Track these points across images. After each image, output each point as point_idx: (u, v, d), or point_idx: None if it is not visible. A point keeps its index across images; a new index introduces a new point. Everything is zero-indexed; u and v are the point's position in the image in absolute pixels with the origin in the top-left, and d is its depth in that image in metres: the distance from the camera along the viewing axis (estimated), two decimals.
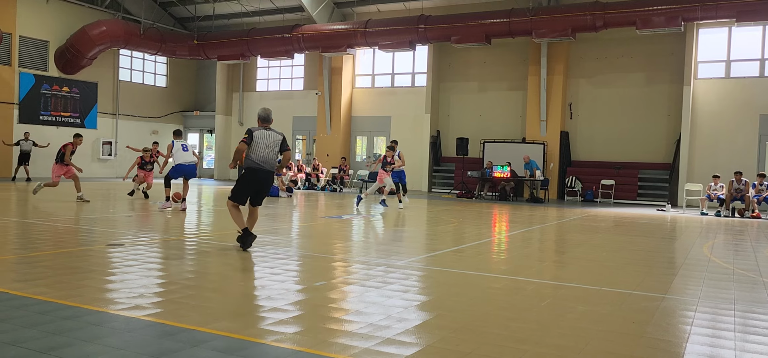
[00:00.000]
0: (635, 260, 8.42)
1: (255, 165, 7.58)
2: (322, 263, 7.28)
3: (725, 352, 4.11)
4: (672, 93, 21.77)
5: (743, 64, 21.08)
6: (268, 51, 26.64)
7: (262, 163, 7.56)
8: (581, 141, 23.50)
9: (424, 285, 6.21)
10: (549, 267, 7.77)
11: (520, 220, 14.18)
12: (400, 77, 27.11)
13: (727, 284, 6.61)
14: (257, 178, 7.60)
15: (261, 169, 7.58)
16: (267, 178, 7.66)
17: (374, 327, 4.36)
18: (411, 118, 26.10)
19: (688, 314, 5.17)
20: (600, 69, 22.95)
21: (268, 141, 7.60)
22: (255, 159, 7.55)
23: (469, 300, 5.52)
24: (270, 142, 7.61)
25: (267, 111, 7.78)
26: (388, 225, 12.14)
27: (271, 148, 7.59)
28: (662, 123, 22.09)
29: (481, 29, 22.04)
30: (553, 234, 11.71)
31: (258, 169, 7.57)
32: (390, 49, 24.45)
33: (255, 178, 7.60)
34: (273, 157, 7.60)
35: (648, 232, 12.33)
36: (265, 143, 7.56)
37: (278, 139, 7.71)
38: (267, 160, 7.58)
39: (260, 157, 7.54)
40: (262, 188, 7.75)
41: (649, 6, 19.69)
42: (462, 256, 8.27)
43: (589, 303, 5.50)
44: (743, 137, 20.74)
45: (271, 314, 4.64)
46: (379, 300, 5.23)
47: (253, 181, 7.63)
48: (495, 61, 24.61)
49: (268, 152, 7.57)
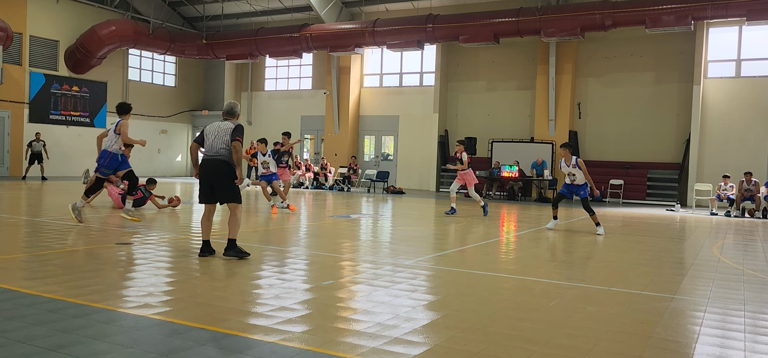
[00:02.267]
0: (644, 260, 8.37)
1: (202, 158, 7.14)
2: (330, 262, 7.29)
3: (735, 353, 4.08)
4: (681, 92, 21.63)
5: (754, 63, 20.91)
6: (276, 50, 26.70)
7: (207, 153, 7.00)
8: (590, 141, 23.39)
9: (432, 285, 6.21)
10: (557, 267, 7.74)
11: (528, 220, 14.14)
12: (408, 77, 27.09)
13: (737, 284, 6.57)
14: (204, 172, 6.98)
15: (206, 160, 6.99)
16: (213, 168, 6.90)
17: (382, 327, 4.36)
18: (419, 117, 26.08)
19: (697, 314, 5.14)
20: (609, 68, 22.84)
21: (218, 131, 6.98)
22: (203, 152, 7.09)
23: (477, 300, 5.51)
24: (220, 132, 6.96)
25: (231, 104, 7.22)
26: (396, 225, 12.14)
27: (220, 137, 6.92)
28: (672, 123, 21.95)
29: (489, 28, 21.98)
30: (561, 234, 11.67)
31: (203, 161, 7.04)
32: (398, 48, 24.43)
33: (203, 172, 7.00)
34: (222, 146, 6.90)
35: (657, 232, 12.26)
36: (214, 134, 6.98)
37: (229, 128, 6.96)
38: (212, 149, 6.94)
39: (207, 148, 7.01)
40: (213, 181, 6.95)
41: (658, 5, 19.56)
42: (470, 255, 8.25)
43: (598, 303, 5.48)
44: (753, 137, 20.58)
45: (279, 313, 4.65)
46: (387, 300, 5.24)
47: (202, 176, 7.00)
48: (503, 61, 24.54)
49: (216, 142, 6.91)
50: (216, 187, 6.95)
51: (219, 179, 6.92)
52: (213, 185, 6.96)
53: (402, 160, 26.71)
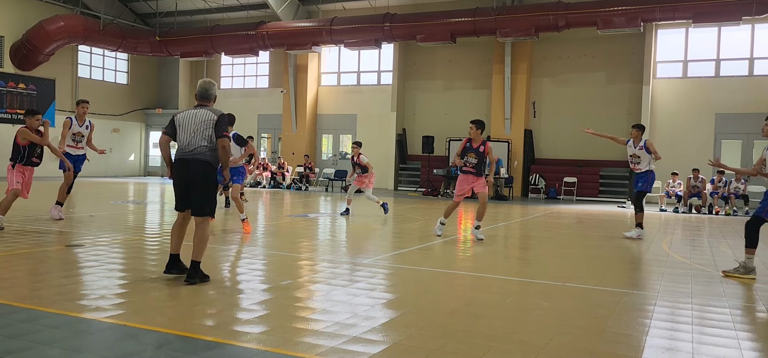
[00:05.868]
0: (597, 256, 8.59)
1: (177, 157, 5.72)
2: (288, 262, 7.23)
3: (683, 344, 4.22)
4: (632, 92, 22.28)
5: (700, 64, 21.71)
6: (232, 48, 26.31)
7: (184, 151, 5.61)
8: (544, 139, 23.87)
9: (390, 283, 6.22)
10: (514, 264, 7.86)
11: (484, 217, 14.31)
12: (365, 75, 27.10)
13: (685, 278, 6.80)
14: (179, 173, 5.64)
15: (181, 160, 5.63)
16: (193, 171, 5.57)
17: (341, 326, 4.35)
18: (377, 116, 26.12)
19: (648, 308, 5.30)
20: (562, 68, 23.34)
21: (195, 122, 5.59)
22: (178, 148, 5.72)
23: (436, 297, 5.55)
24: (198, 124, 5.57)
25: (205, 85, 5.86)
26: (354, 224, 12.12)
27: (199, 131, 5.55)
28: (623, 121, 22.57)
29: (446, 28, 22.18)
30: (517, 231, 11.86)
31: (179, 161, 5.66)
32: (355, 47, 24.40)
33: (178, 173, 5.65)
34: (202, 142, 5.55)
35: (609, 228, 12.59)
36: (189, 127, 5.59)
37: (210, 119, 5.58)
38: (189, 145, 5.57)
39: (182, 144, 5.63)
40: (191, 187, 5.63)
41: (609, 7, 20.11)
42: (428, 253, 8.31)
43: (553, 299, 5.59)
44: (700, 136, 21.37)
45: (237, 313, 4.58)
46: (346, 299, 5.22)
47: (176, 179, 5.68)
48: (460, 60, 24.80)
49: (195, 137, 5.56)
50: (190, 191, 5.63)
51: (197, 182, 5.61)
52: (186, 191, 5.65)
53: None
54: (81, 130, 10.36)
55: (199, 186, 5.62)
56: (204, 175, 5.60)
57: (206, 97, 5.84)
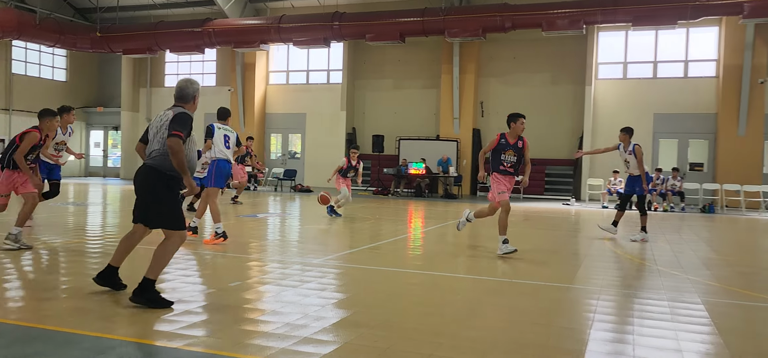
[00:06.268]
0: (544, 252, 8.79)
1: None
2: (236, 263, 7.09)
3: (624, 336, 4.36)
4: (575, 93, 22.91)
5: (639, 65, 22.53)
6: (177, 45, 25.67)
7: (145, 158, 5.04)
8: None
9: (341, 283, 6.19)
10: (463, 261, 7.95)
11: (435, 216, 14.45)
12: (315, 74, 26.93)
13: (626, 272, 7.03)
14: (135, 183, 5.02)
15: (139, 168, 5.04)
16: (137, 179, 4.96)
17: (291, 327, 4.29)
18: (326, 115, 26.00)
19: (591, 302, 5.45)
20: (509, 69, 23.80)
21: (160, 124, 4.96)
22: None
23: (386, 296, 5.55)
24: (160, 126, 4.94)
25: (179, 84, 5.16)
26: (304, 223, 12.02)
27: (160, 132, 4.91)
28: (567, 121, 23.21)
29: (395, 27, 22.27)
30: (466, 229, 12.01)
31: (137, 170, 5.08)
32: (304, 45, 24.22)
33: (135, 183, 5.03)
34: (155, 146, 4.91)
35: (554, 225, 12.90)
36: (154, 129, 4.99)
37: (167, 119, 4.91)
38: (148, 150, 4.98)
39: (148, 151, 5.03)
40: (139, 197, 4.99)
41: (553, 9, 20.62)
42: (379, 252, 8.31)
43: (502, 295, 5.68)
44: (639, 135, 22.06)
45: (183, 317, 4.46)
46: (296, 299, 5.17)
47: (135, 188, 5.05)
48: (410, 60, 24.95)
49: (155, 140, 4.93)
50: (142, 205, 4.97)
51: (140, 191, 4.96)
52: (137, 202, 5.02)
53: (309, 158, 26.52)
54: (64, 139, 9.61)
55: (144, 196, 4.95)
56: (144, 183, 4.91)
57: (181, 97, 5.09)
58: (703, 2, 19.06)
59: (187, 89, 5.11)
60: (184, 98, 5.10)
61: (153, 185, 4.89)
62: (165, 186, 4.87)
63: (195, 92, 5.14)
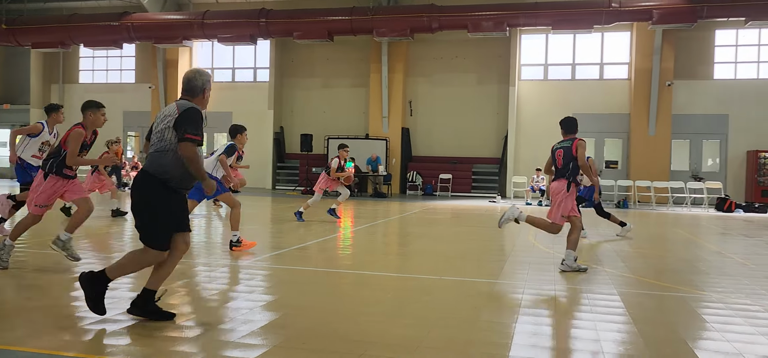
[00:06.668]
0: (471, 249, 8.98)
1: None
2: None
3: (547, 329, 4.52)
4: (500, 93, 23.57)
5: (558, 68, 23.45)
6: (92, 40, 24.47)
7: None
8: (421, 137, 24.60)
9: (269, 284, 6.09)
10: (393, 260, 8.01)
11: (364, 215, 14.48)
12: (241, 72, 26.40)
13: (548, 267, 7.28)
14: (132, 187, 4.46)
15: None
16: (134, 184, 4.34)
17: (218, 331, 4.18)
18: (253, 114, 25.52)
19: (516, 296, 5.61)
20: (437, 69, 24.19)
21: (159, 120, 4.36)
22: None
23: (316, 297, 5.50)
24: (160, 122, 4.33)
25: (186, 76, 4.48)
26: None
27: (159, 131, 4.29)
28: (492, 121, 23.84)
29: (323, 26, 22.15)
30: (396, 227, 12.11)
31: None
32: (230, 42, 23.68)
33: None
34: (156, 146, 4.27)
35: (481, 222, 13.21)
36: (155, 126, 4.38)
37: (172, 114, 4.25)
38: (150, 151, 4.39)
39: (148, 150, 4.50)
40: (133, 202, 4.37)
41: (479, 11, 21.13)
42: (308, 253, 8.23)
43: (431, 293, 5.75)
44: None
45: (101, 326, 4.25)
46: (223, 302, 5.03)
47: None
48: (338, 58, 24.89)
49: (154, 139, 4.34)
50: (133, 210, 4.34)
51: (135, 199, 4.31)
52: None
53: None
54: (50, 140, 8.86)
55: (136, 202, 4.29)
56: (142, 189, 4.25)
57: (188, 89, 4.43)
58: (616, 8, 20.07)
59: (195, 81, 4.43)
60: (192, 91, 4.43)
61: (137, 190, 4.26)
62: (155, 193, 4.20)
63: (204, 84, 4.47)
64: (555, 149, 7.53)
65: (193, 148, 4.14)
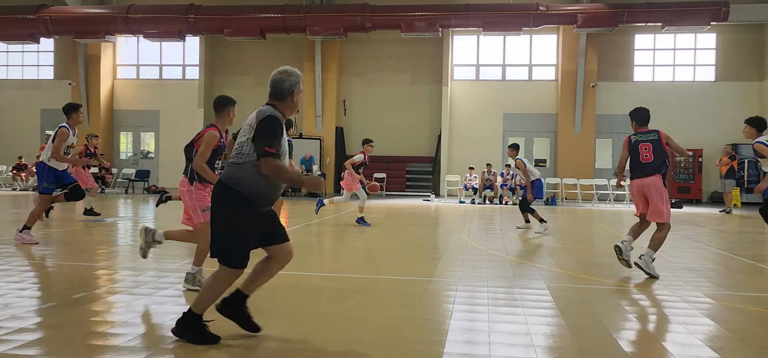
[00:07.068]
0: (406, 247, 9.04)
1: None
2: (81, 273, 6.51)
3: (480, 324, 4.60)
4: (433, 93, 23.88)
5: (490, 68, 24.02)
6: (6, 34, 23.09)
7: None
8: (355, 137, 24.59)
9: (200, 288, 5.90)
10: (327, 260, 7.95)
11: (298, 215, 14.33)
12: (169, 69, 25.59)
13: (482, 263, 7.43)
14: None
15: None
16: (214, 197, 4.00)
17: (145, 339, 4.02)
18: (182, 112, 24.81)
19: (450, 294, 5.68)
20: (371, 68, 24.25)
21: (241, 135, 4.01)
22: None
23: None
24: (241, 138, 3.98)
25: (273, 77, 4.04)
26: (159, 227, 11.34)
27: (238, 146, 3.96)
28: (426, 120, 24.13)
29: (255, 23, 21.78)
30: (330, 228, 12.05)
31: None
32: (157, 38, 22.90)
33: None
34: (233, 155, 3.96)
35: (416, 221, 13.34)
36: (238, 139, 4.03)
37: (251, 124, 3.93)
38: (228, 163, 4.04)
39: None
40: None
41: (411, 12, 21.34)
42: None
43: (365, 292, 5.74)
44: (491, 133, 23.62)
45: (17, 336, 4.00)
46: (151, 309, 4.85)
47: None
48: (271, 56, 24.53)
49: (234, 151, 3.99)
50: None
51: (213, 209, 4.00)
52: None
53: (165, 157, 25.17)
54: (73, 141, 8.48)
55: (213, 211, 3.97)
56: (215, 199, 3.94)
57: (275, 93, 4.00)
58: (543, 12, 20.76)
59: (283, 82, 3.97)
60: (280, 94, 3.98)
61: (218, 203, 3.91)
62: (230, 205, 3.85)
63: (293, 86, 3.99)
64: (637, 143, 6.72)
65: (273, 164, 3.76)
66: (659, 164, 6.61)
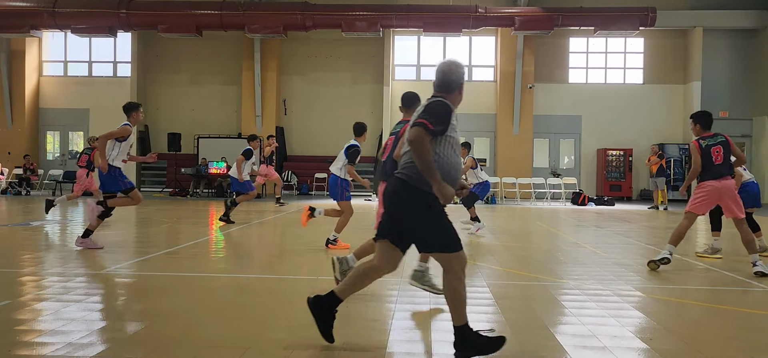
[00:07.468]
0: (347, 249, 8.99)
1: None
2: (5, 279, 6.15)
3: (423, 323, 4.62)
4: (374, 92, 23.93)
5: (430, 68, 24.24)
6: None
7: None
8: (296, 136, 24.35)
9: (134, 293, 5.69)
10: (269, 262, 7.83)
11: (237, 217, 14.04)
12: (99, 66, 24.63)
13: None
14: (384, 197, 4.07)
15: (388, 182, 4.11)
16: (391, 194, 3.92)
17: (75, 347, 3.83)
18: (114, 111, 23.69)
19: (392, 293, 5.69)
20: (312, 67, 24.07)
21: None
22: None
23: (187, 304, 5.23)
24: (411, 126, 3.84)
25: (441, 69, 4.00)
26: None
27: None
28: (367, 120, 24.06)
29: (191, 20, 21.23)
30: (270, 229, 11.88)
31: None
32: (86, 33, 21.99)
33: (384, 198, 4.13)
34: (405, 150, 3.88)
35: (357, 222, 13.31)
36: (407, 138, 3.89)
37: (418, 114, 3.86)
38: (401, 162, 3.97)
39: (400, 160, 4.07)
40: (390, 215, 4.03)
41: (352, 11, 21.31)
42: (178, 257, 7.81)
43: (309, 294, 5.66)
44: None
45: None
46: (81, 315, 4.63)
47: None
48: (208, 54, 23.99)
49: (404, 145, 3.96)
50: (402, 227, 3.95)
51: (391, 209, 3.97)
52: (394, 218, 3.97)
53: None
54: (133, 141, 8.18)
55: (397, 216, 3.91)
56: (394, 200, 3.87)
57: (442, 85, 3.93)
58: (482, 14, 21.16)
59: (452, 75, 3.91)
60: (447, 87, 3.91)
61: (406, 205, 3.82)
62: (421, 204, 3.77)
63: (461, 78, 3.94)
64: (709, 147, 6.99)
65: (421, 133, 3.61)
66: (729, 165, 7.01)
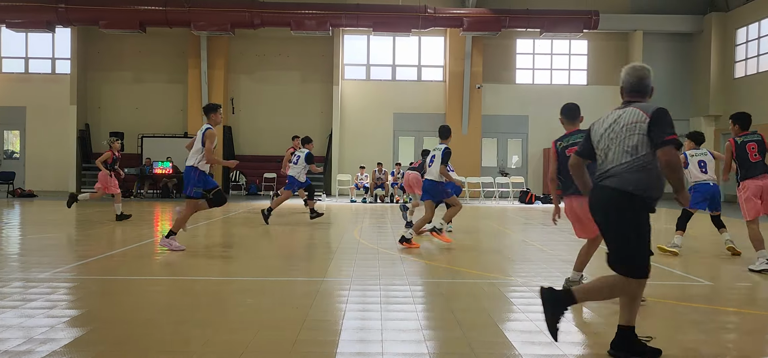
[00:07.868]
0: (297, 248, 8.92)
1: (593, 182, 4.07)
2: None
3: (373, 323, 4.62)
4: (324, 92, 23.80)
5: (380, 68, 24.33)
6: None
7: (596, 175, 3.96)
8: (244, 136, 23.98)
9: (74, 298, 5.48)
10: (216, 263, 7.67)
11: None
12: (36, 62, 23.63)
13: (374, 262, 7.48)
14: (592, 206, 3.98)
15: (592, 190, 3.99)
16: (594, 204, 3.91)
17: (12, 354, 3.66)
18: (52, 109, 23.00)
19: (343, 293, 5.67)
20: (260, 66, 23.75)
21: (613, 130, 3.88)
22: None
23: (130, 308, 5.07)
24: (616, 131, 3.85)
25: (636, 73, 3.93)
26: (25, 233, 10.43)
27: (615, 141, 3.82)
28: (317, 119, 23.98)
29: (134, 15, 20.64)
30: (218, 229, 11.66)
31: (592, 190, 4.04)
32: (21, 28, 21.09)
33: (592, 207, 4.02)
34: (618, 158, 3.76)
35: (307, 222, 13.21)
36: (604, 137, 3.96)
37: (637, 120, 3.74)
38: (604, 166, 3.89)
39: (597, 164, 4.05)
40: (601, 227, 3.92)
41: (301, 10, 21.15)
42: (120, 260, 7.57)
43: (256, 295, 5.59)
44: (382, 132, 23.94)
45: None
46: (18, 322, 4.43)
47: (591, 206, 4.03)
48: (152, 52, 23.35)
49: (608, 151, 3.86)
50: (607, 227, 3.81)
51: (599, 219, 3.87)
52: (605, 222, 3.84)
53: (32, 158, 23.22)
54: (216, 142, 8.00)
55: (604, 226, 3.81)
56: (606, 209, 3.76)
57: (637, 89, 3.86)
58: (431, 14, 21.35)
59: (648, 79, 3.87)
60: (644, 91, 3.87)
61: (615, 211, 3.71)
62: (637, 213, 3.67)
63: (652, 82, 3.91)
64: (744, 143, 7.08)
65: (676, 153, 3.57)
66: (764, 164, 7.05)
